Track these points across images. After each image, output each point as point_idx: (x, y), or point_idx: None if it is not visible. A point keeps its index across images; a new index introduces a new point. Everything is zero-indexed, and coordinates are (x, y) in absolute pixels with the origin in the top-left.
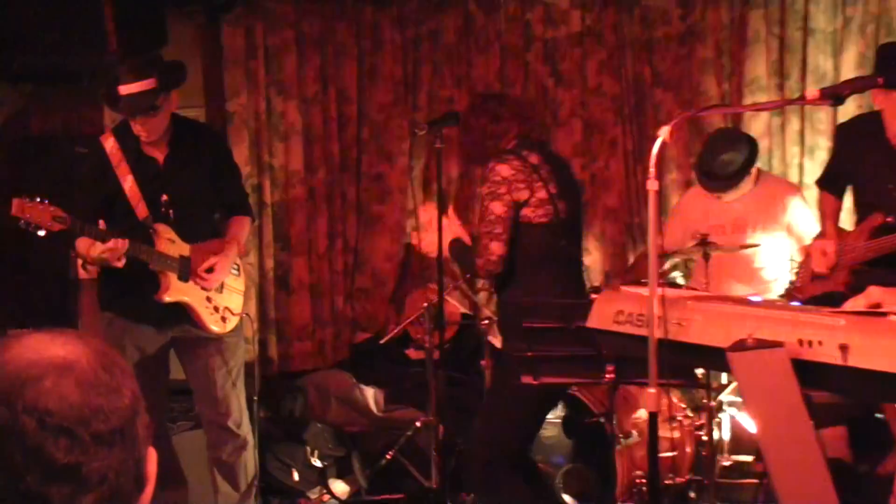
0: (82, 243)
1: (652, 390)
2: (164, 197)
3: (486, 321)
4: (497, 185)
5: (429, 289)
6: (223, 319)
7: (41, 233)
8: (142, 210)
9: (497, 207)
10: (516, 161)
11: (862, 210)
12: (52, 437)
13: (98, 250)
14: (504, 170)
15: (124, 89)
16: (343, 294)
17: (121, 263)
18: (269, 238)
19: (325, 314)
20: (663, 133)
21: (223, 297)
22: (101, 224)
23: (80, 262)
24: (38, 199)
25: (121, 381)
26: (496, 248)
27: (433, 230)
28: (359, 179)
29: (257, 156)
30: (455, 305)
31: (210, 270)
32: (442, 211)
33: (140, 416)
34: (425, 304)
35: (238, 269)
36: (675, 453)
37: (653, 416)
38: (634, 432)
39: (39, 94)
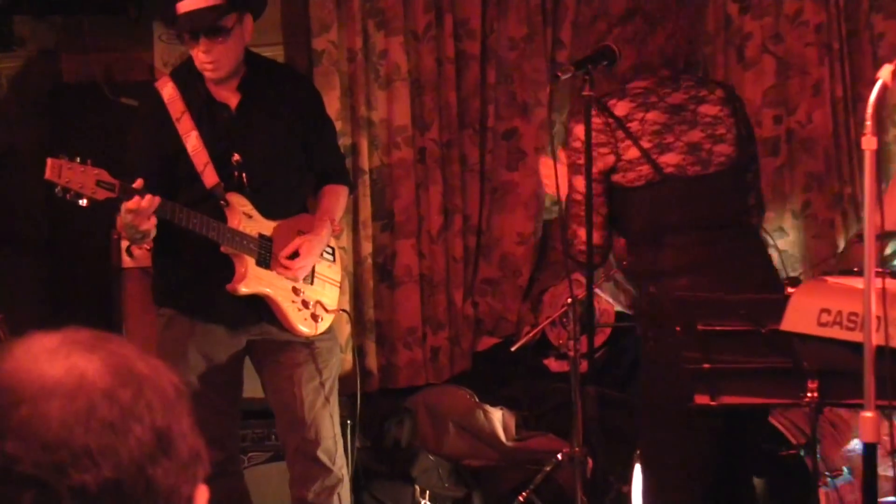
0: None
1: (868, 414)
2: (236, 157)
3: None
4: (576, 153)
5: (574, 280)
6: (314, 318)
7: (82, 202)
8: (210, 175)
9: (580, 183)
10: (596, 117)
11: None
12: (16, 489)
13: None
14: (580, 131)
15: (184, 5)
16: (463, 287)
17: (149, 226)
18: (366, 214)
19: (439, 313)
20: (885, 74)
21: (314, 290)
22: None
23: (123, 244)
24: (78, 160)
25: (139, 412)
26: (583, 234)
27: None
28: (483, 138)
29: (351, 108)
30: (608, 302)
31: (294, 256)
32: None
33: (161, 463)
34: (569, 301)
35: (333, 254)
36: None
37: (870, 449)
38: (845, 469)
39: (73, 29)
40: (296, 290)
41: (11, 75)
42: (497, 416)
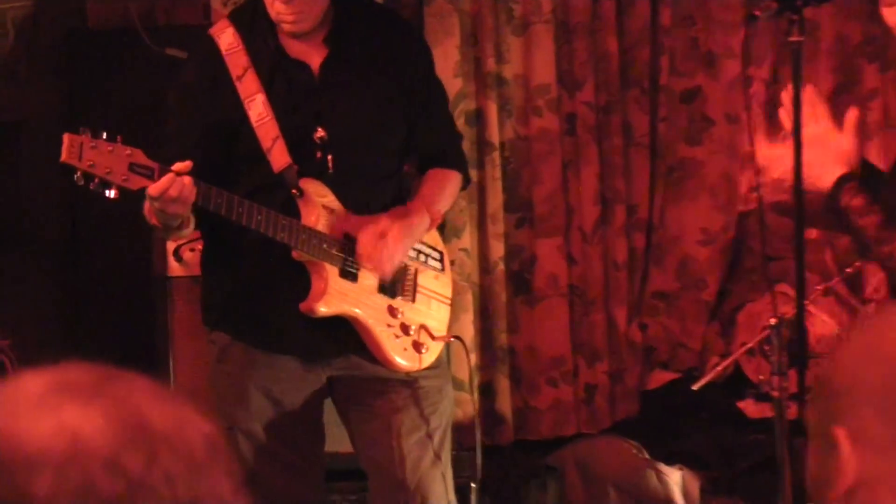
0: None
1: None
2: (320, 132)
3: None
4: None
5: (780, 294)
6: (417, 347)
7: (110, 192)
8: (280, 155)
9: None
10: None
11: None
12: None
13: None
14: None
15: None
16: (627, 304)
17: (180, 214)
18: (495, 205)
19: (595, 339)
20: None
21: (417, 310)
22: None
23: (170, 246)
24: (105, 137)
25: (154, 483)
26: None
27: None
28: (654, 100)
29: (474, 61)
30: (827, 322)
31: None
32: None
33: None
34: (773, 321)
35: (441, 261)
36: None
37: None
38: None
39: None
40: (392, 310)
41: (20, 20)
42: (675, 478)
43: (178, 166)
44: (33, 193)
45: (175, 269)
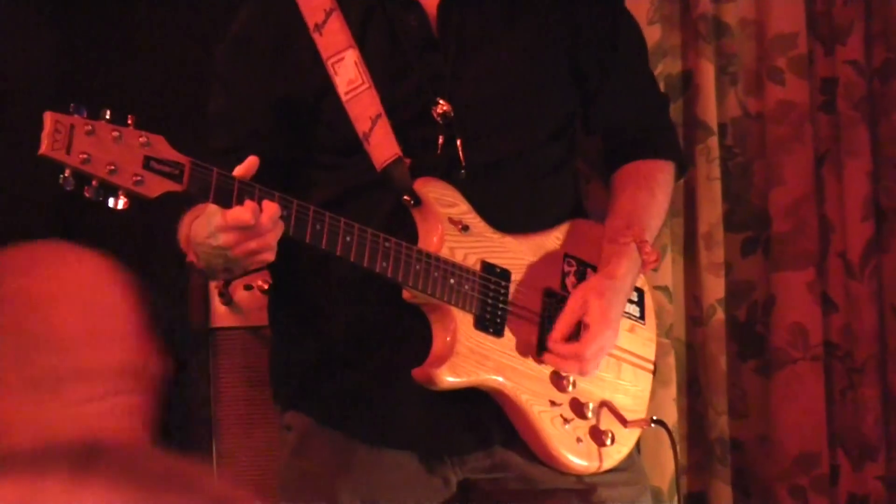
0: (195, 227)
1: None
2: (442, 106)
3: None
4: None
5: None
6: (598, 437)
7: (116, 202)
8: (383, 142)
9: None
10: None
11: None
12: None
13: (202, 233)
14: None
15: None
16: None
17: (266, 256)
18: (712, 220)
19: (865, 425)
20: None
21: (598, 378)
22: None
23: (213, 284)
24: (108, 117)
25: None
26: None
27: None
28: None
29: (684, 7)
30: None
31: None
32: None
33: None
34: None
35: (639, 301)
36: None
37: None
38: None
39: None
40: (559, 380)
41: None
42: None
43: (244, 167)
44: (23, 196)
45: (222, 315)
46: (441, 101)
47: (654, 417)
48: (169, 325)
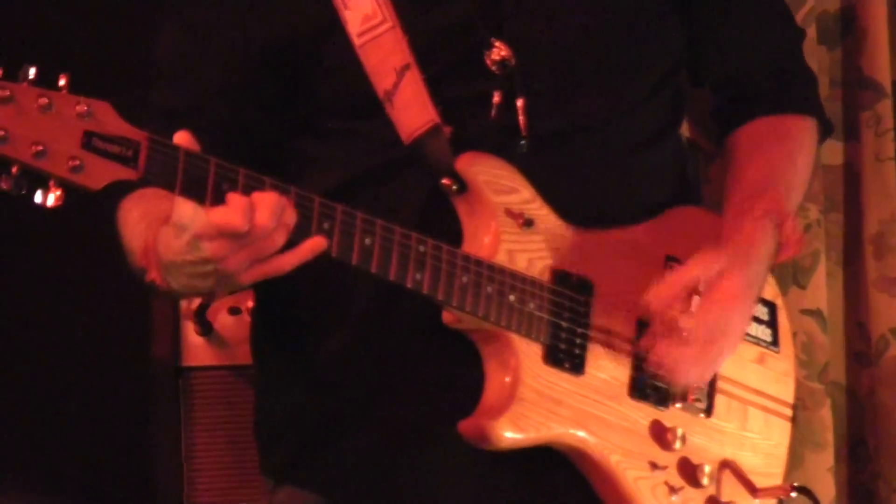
0: (163, 236)
1: None
2: (498, 51)
3: None
4: None
5: None
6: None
7: (45, 197)
8: (413, 104)
9: None
10: None
11: None
12: None
13: (174, 245)
14: None
15: None
16: None
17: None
18: (882, 218)
19: None
20: None
21: (715, 429)
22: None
23: (185, 305)
24: (33, 78)
25: None
26: None
27: None
28: None
29: None
30: None
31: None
32: None
33: None
34: None
35: (769, 321)
36: None
37: None
38: None
39: None
40: (661, 433)
41: None
42: None
43: (181, 136)
44: None
45: (197, 350)
46: (497, 44)
47: (796, 484)
48: (123, 364)
